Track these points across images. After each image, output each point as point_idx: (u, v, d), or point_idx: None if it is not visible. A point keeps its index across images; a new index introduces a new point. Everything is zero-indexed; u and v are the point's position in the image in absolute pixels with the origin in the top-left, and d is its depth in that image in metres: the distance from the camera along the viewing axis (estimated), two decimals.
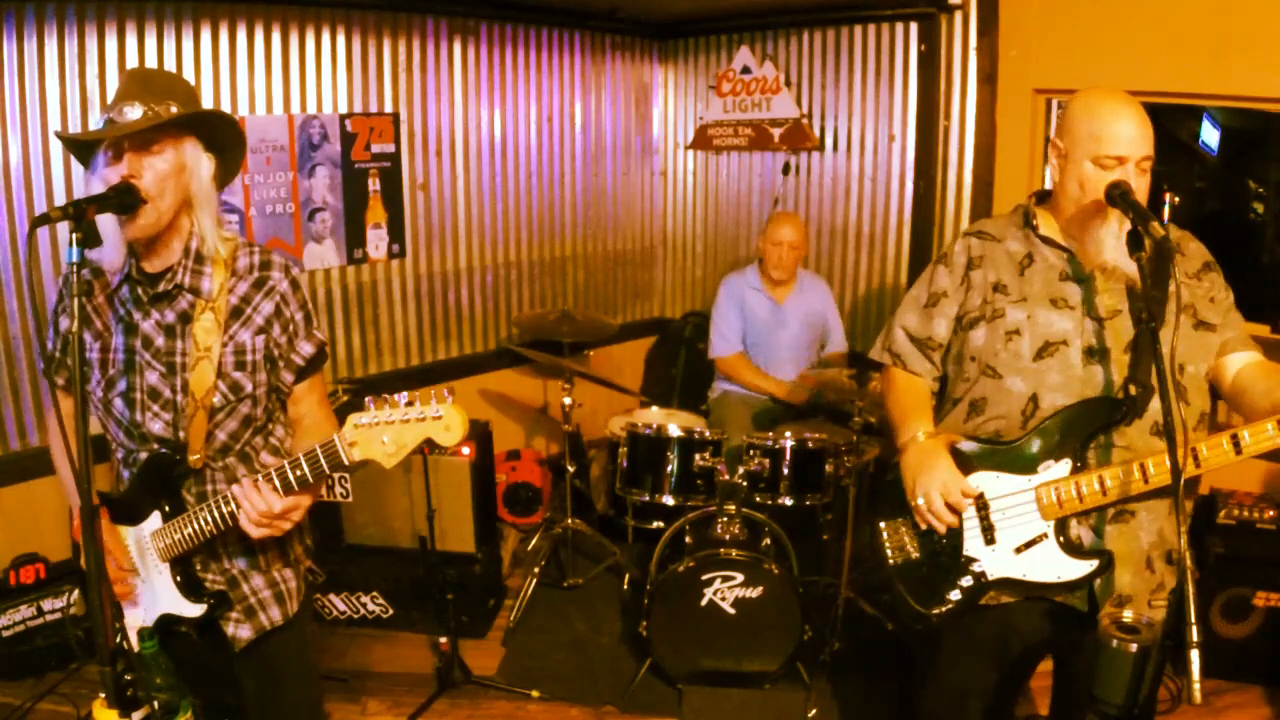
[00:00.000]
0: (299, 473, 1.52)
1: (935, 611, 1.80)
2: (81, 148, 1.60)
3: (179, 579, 1.68)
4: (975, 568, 1.78)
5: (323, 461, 1.50)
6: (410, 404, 1.43)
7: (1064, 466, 1.71)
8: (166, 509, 1.66)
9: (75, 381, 1.40)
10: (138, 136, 1.51)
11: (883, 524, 1.90)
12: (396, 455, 1.45)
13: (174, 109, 1.54)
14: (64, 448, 1.37)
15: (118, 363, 1.64)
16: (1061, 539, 1.72)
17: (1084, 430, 1.70)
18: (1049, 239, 1.82)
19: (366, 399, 1.47)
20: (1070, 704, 1.90)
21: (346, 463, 1.47)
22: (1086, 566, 1.70)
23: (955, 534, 1.79)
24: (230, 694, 1.82)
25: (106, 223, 1.52)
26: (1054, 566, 1.72)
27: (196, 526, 1.61)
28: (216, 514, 1.59)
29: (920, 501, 1.78)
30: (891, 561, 1.88)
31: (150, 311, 1.63)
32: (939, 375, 1.99)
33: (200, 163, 1.60)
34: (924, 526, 1.81)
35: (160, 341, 1.63)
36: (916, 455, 1.81)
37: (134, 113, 1.51)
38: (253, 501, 1.53)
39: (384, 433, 1.44)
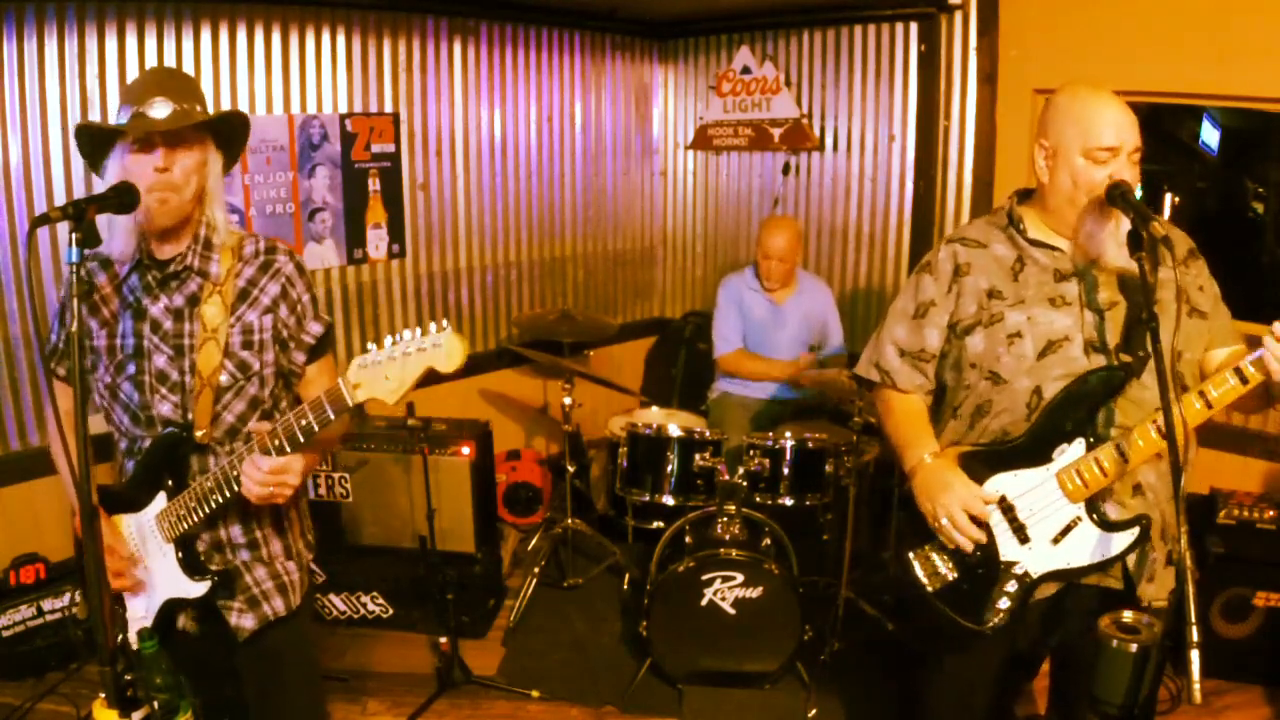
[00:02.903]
0: (304, 422, 1.52)
1: (990, 624, 1.75)
2: (92, 142, 1.64)
3: (181, 555, 1.70)
4: (1017, 570, 1.74)
5: (327, 407, 1.50)
6: (410, 338, 1.43)
7: (1079, 446, 1.69)
8: (170, 484, 1.68)
9: (75, 381, 1.42)
10: (170, 132, 1.58)
11: (911, 554, 1.84)
12: (399, 390, 1.45)
13: (198, 109, 1.62)
14: (63, 445, 1.38)
15: (126, 348, 1.68)
16: (1095, 517, 1.70)
17: (1089, 404, 1.68)
18: (1038, 241, 1.80)
19: (369, 344, 1.48)
20: (1069, 704, 1.90)
21: (350, 404, 1.48)
22: (1127, 538, 1.68)
23: (987, 544, 1.75)
24: (231, 691, 1.82)
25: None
26: (1095, 547, 1.70)
27: (200, 494, 1.63)
28: (219, 477, 1.60)
29: (944, 522, 1.74)
30: (930, 589, 1.81)
31: (159, 296, 1.68)
32: (932, 389, 1.95)
33: (215, 158, 1.69)
34: (952, 546, 1.77)
35: (169, 325, 1.68)
36: (926, 478, 1.78)
37: (164, 108, 1.57)
38: (252, 470, 1.55)
39: (385, 370, 1.45)
